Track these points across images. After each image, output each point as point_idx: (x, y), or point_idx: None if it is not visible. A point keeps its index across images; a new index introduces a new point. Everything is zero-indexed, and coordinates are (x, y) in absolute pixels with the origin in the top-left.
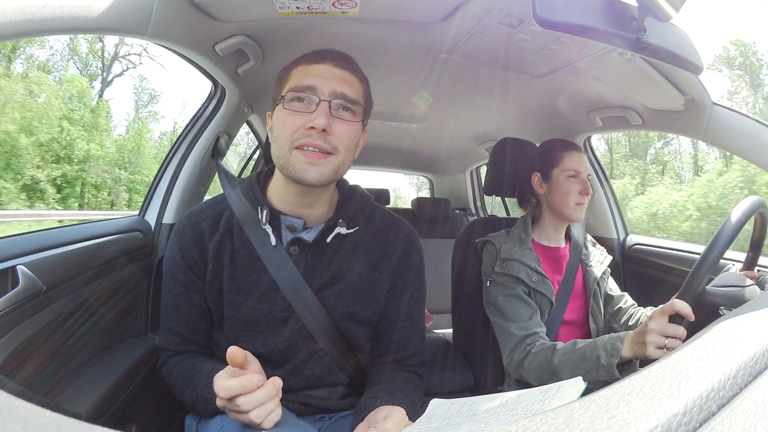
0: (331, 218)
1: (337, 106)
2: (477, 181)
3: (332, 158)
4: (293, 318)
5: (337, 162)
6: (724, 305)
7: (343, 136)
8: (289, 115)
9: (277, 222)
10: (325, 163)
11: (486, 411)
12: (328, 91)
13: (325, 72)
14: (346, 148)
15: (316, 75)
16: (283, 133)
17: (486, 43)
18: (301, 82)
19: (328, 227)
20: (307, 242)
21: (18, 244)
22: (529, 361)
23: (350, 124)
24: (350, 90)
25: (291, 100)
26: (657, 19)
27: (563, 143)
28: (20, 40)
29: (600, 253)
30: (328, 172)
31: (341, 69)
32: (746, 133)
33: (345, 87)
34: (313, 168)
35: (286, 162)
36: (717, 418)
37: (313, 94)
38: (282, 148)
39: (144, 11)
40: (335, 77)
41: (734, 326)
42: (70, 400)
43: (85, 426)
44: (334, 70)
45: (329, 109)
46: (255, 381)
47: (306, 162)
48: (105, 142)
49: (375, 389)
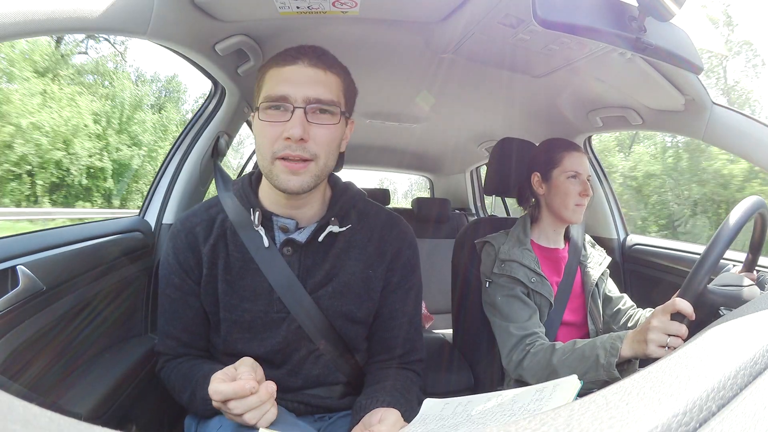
0: (324, 217)
1: (312, 110)
2: (477, 181)
3: (312, 165)
4: (289, 319)
5: (318, 168)
6: (724, 305)
7: (322, 141)
8: (267, 126)
9: (270, 223)
10: (306, 172)
11: (481, 411)
12: (301, 98)
13: (297, 76)
14: (327, 152)
15: (287, 81)
16: (263, 144)
17: (486, 43)
18: (273, 90)
19: (320, 226)
20: (300, 243)
21: (18, 244)
22: (528, 361)
23: (328, 127)
24: (325, 91)
25: (266, 109)
26: (657, 19)
27: (564, 143)
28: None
29: (599, 255)
30: (309, 180)
31: (314, 68)
32: (746, 133)
33: (319, 89)
34: (295, 177)
35: (269, 172)
36: (717, 418)
37: (287, 103)
38: (264, 158)
39: (144, 11)
40: (308, 80)
41: (734, 326)
42: (70, 400)
43: (85, 426)
44: (307, 71)
45: (305, 115)
46: (248, 387)
47: (288, 172)
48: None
49: (372, 389)
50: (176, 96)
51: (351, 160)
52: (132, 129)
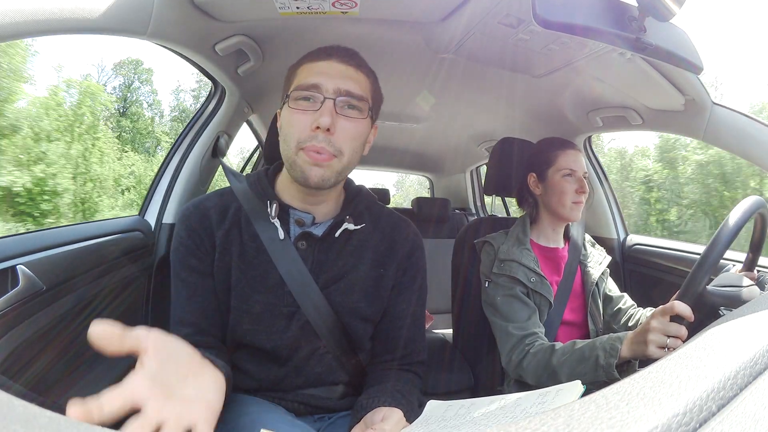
0: (339, 214)
1: (342, 103)
2: (477, 181)
3: (335, 161)
4: (298, 313)
5: (341, 164)
6: (724, 305)
7: (348, 136)
8: (295, 113)
9: (286, 216)
10: (329, 166)
11: (484, 414)
12: (332, 89)
13: (329, 69)
14: (352, 149)
15: (320, 73)
16: (290, 132)
17: (486, 43)
18: (305, 80)
19: (336, 223)
20: (316, 237)
21: (18, 244)
22: (527, 361)
23: (356, 122)
24: (355, 86)
25: (296, 98)
26: (657, 19)
27: (558, 142)
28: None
29: (599, 254)
30: (330, 175)
31: (346, 65)
32: (746, 133)
33: (350, 83)
34: (318, 169)
35: (293, 162)
36: (717, 419)
37: (317, 92)
38: (289, 147)
39: (144, 11)
40: (340, 74)
41: (734, 326)
42: (70, 400)
43: (85, 426)
44: (339, 67)
45: (334, 107)
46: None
47: (311, 163)
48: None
49: (373, 389)
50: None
51: None
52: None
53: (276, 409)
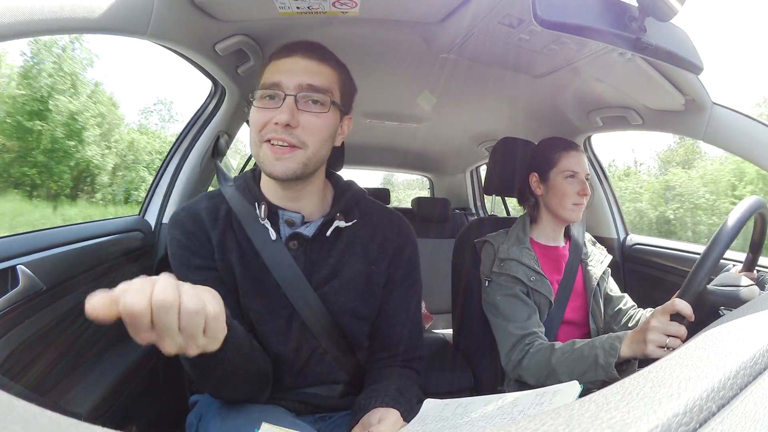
0: (329, 213)
1: (303, 99)
2: (477, 181)
3: (299, 152)
4: (295, 315)
5: (306, 155)
6: (724, 305)
7: (312, 129)
8: (259, 111)
9: (275, 217)
10: (291, 157)
11: (481, 413)
12: (293, 86)
13: (293, 66)
14: (317, 141)
15: (282, 70)
16: (254, 129)
17: (486, 43)
18: (268, 78)
19: (326, 221)
20: (307, 237)
21: (18, 244)
22: (527, 360)
23: (320, 116)
24: (319, 79)
25: (261, 97)
26: (657, 18)
27: (561, 143)
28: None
29: (600, 253)
30: (294, 166)
31: (309, 60)
32: (746, 133)
33: (312, 78)
34: (280, 162)
35: (257, 156)
36: (717, 419)
37: (278, 90)
38: (254, 142)
39: (144, 11)
40: (303, 69)
41: (734, 326)
42: (70, 400)
43: (85, 426)
44: (302, 62)
45: (295, 103)
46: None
47: (273, 157)
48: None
49: (372, 389)
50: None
51: (351, 160)
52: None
53: (276, 409)
